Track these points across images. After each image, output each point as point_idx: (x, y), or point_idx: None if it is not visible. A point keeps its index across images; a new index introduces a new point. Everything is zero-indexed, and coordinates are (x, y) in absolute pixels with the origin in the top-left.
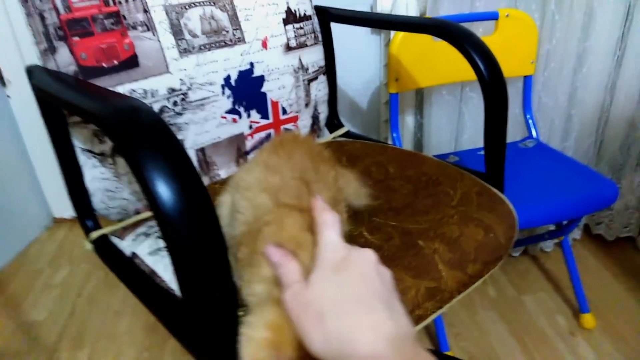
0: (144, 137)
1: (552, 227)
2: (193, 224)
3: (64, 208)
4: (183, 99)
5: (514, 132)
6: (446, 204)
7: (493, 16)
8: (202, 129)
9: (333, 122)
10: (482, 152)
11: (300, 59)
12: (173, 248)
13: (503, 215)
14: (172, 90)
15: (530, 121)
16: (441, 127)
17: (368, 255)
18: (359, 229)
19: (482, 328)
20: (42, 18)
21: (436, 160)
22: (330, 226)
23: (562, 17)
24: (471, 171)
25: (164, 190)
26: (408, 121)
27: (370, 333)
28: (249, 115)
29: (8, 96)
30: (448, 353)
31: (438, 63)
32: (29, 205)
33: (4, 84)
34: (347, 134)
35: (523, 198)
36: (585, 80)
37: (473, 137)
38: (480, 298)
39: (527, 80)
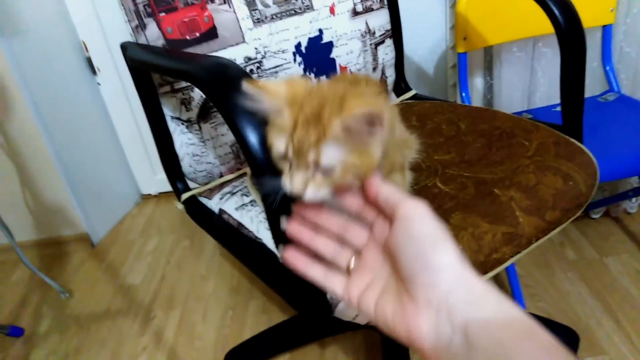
0: (233, 87)
1: (636, 185)
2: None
3: (150, 185)
4: (258, 67)
5: (591, 86)
6: (521, 155)
7: None
8: None
9: (401, 86)
10: (558, 109)
11: (367, 23)
12: (264, 192)
13: (583, 163)
14: (249, 59)
15: (610, 73)
16: (512, 87)
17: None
18: (433, 180)
19: (560, 289)
20: None
21: (509, 115)
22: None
23: None
24: (547, 124)
25: (253, 135)
26: (477, 83)
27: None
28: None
29: (98, 84)
30: None
31: (507, 18)
32: (121, 184)
33: (94, 72)
34: (415, 97)
35: (603, 150)
36: None
37: (547, 94)
38: (558, 260)
39: (607, 30)
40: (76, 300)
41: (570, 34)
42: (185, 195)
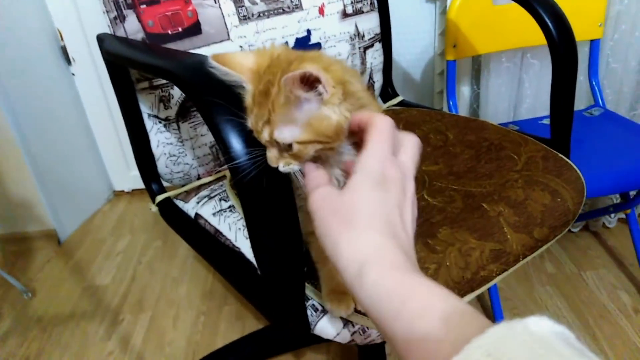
0: (214, 88)
1: (616, 200)
2: (264, 174)
3: (124, 182)
4: None
5: (576, 100)
6: (510, 168)
7: None
8: None
9: (388, 92)
10: (545, 121)
11: (356, 26)
12: (244, 196)
13: (571, 180)
14: None
15: (596, 88)
16: (499, 96)
17: (411, 185)
18: (420, 192)
19: (539, 303)
20: None
21: (497, 126)
22: (385, 134)
23: None
24: (535, 137)
25: (235, 137)
26: (464, 91)
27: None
28: None
29: (73, 74)
30: None
31: (498, 28)
32: (92, 179)
33: (69, 62)
34: (402, 103)
35: (588, 166)
36: None
37: (533, 106)
38: (537, 273)
39: (594, 45)
40: (39, 300)
41: (562, 46)
42: (159, 197)
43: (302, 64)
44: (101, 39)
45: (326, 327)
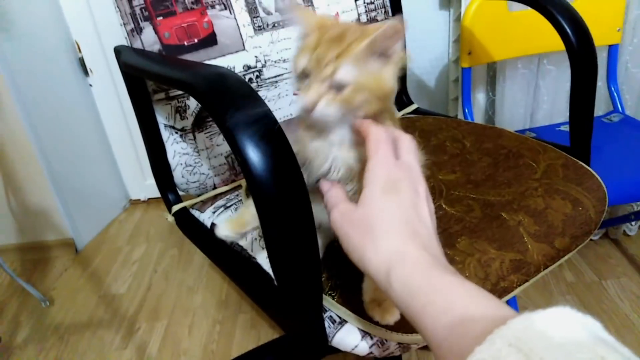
0: (232, 100)
1: (637, 208)
2: (282, 185)
3: (140, 190)
4: (258, 76)
5: (595, 106)
6: (529, 177)
7: None
8: (275, 105)
9: (402, 100)
10: (563, 128)
11: None
12: (261, 207)
13: (592, 188)
14: (248, 67)
15: (615, 94)
16: (515, 103)
17: (421, 181)
18: (438, 201)
19: None
20: (130, 0)
21: (514, 134)
22: (382, 143)
23: None
24: (553, 145)
25: (253, 151)
26: (479, 98)
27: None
28: None
29: (90, 85)
30: None
31: (514, 34)
32: (109, 188)
33: (86, 73)
34: (417, 111)
35: (608, 174)
36: None
37: (550, 112)
38: (556, 282)
39: (613, 50)
40: (57, 308)
41: (581, 51)
42: (176, 207)
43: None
44: (118, 51)
45: (344, 339)
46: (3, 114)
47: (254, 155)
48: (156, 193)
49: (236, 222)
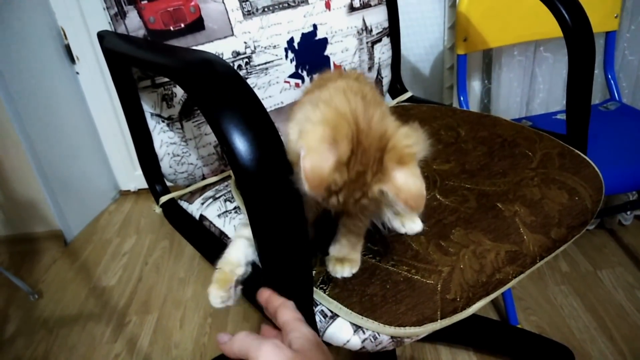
0: (218, 86)
1: (633, 197)
2: (269, 174)
3: (129, 181)
4: (247, 63)
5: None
6: (525, 166)
7: None
8: (265, 93)
9: (396, 87)
10: (559, 116)
11: (364, 20)
12: (248, 197)
13: (588, 177)
14: (237, 53)
15: (612, 82)
16: (511, 91)
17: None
18: (432, 192)
19: (553, 303)
20: None
21: (510, 122)
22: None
23: None
24: (550, 133)
25: (240, 141)
26: (474, 86)
27: None
28: (311, 80)
29: (77, 73)
30: (517, 327)
31: (510, 20)
32: (98, 179)
33: (73, 61)
34: (411, 99)
35: (604, 163)
36: None
37: (546, 101)
38: (551, 272)
39: (610, 37)
40: (45, 301)
41: (579, 36)
42: (164, 198)
43: (403, 174)
44: (101, 36)
45: (336, 333)
46: None
47: (240, 145)
48: (146, 184)
49: (222, 280)
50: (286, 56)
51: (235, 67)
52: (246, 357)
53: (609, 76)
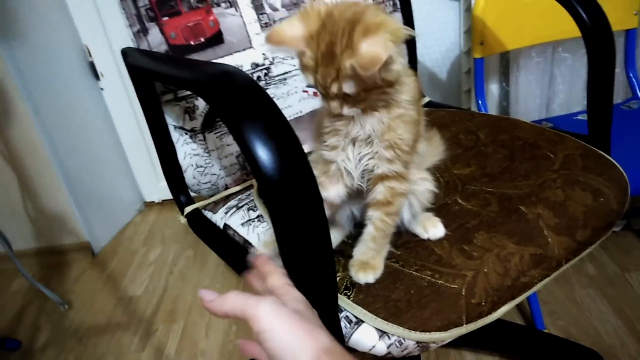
0: (239, 97)
1: None
2: (292, 183)
3: (154, 192)
4: (266, 74)
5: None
6: (547, 168)
7: None
8: (284, 103)
9: None
10: (581, 117)
11: None
12: (272, 206)
13: (613, 178)
14: (256, 65)
15: (634, 80)
16: (530, 93)
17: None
18: (453, 197)
19: (580, 306)
20: (134, 0)
21: (530, 124)
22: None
23: None
24: (571, 134)
25: (262, 150)
26: (492, 89)
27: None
28: None
29: (101, 89)
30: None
31: (526, 22)
32: (123, 191)
33: (97, 77)
34: (429, 104)
35: (629, 163)
36: None
37: (567, 101)
38: (577, 275)
39: (630, 34)
40: (75, 312)
41: (598, 35)
42: (188, 209)
43: (367, 43)
44: (125, 52)
45: (361, 339)
46: (17, 121)
47: (262, 154)
48: (170, 195)
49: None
50: None
51: (255, 79)
52: (240, 316)
53: (630, 75)
